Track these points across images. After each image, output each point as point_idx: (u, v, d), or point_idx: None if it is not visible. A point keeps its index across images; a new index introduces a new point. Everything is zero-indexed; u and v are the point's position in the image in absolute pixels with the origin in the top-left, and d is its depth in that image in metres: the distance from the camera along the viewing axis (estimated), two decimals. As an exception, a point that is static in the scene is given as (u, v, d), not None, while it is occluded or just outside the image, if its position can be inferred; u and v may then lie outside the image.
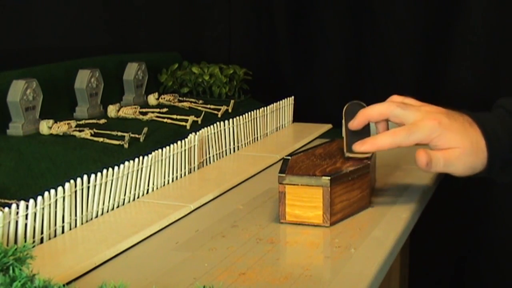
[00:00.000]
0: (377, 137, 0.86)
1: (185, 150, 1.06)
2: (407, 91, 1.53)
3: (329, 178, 0.84)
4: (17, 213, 0.73)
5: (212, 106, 1.40)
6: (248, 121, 1.29)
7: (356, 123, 0.89)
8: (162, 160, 1.00)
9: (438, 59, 1.51)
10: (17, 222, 0.73)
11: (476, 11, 1.45)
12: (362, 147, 0.87)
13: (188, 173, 1.08)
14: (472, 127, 0.84)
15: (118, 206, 0.91)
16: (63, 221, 0.81)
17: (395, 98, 0.89)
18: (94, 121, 1.21)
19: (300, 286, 0.68)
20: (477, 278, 1.56)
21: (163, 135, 1.18)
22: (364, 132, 0.90)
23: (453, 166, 0.83)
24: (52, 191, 0.79)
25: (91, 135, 1.10)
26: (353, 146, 0.88)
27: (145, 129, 1.13)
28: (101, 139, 1.08)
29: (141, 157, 0.95)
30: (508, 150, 0.84)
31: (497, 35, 1.44)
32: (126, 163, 0.92)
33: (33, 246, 0.75)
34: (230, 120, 1.22)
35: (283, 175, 0.86)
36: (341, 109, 0.94)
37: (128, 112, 1.27)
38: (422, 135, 0.83)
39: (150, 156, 0.97)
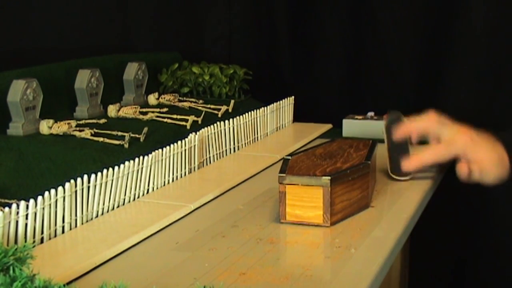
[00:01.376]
0: (422, 155, 1.01)
1: (185, 150, 1.06)
2: (406, 91, 1.55)
3: (329, 178, 0.84)
4: (17, 213, 0.73)
5: (212, 106, 1.39)
6: (248, 121, 1.29)
7: (398, 136, 1.05)
8: (162, 160, 1.00)
9: (438, 60, 1.51)
10: (17, 222, 0.73)
11: (476, 13, 1.45)
12: (410, 165, 1.02)
13: (188, 173, 1.08)
14: (496, 143, 0.98)
15: (118, 206, 0.91)
16: (63, 221, 0.81)
17: (432, 115, 1.02)
18: (94, 121, 1.21)
19: (300, 286, 0.68)
20: (477, 278, 1.56)
21: (163, 135, 1.18)
22: (404, 148, 1.05)
23: (486, 175, 0.97)
24: (52, 191, 0.79)
25: (91, 135, 1.10)
26: (402, 167, 1.02)
27: (145, 129, 1.13)
28: (101, 139, 1.08)
29: (141, 157, 0.95)
30: None
31: (497, 36, 1.44)
32: (126, 163, 0.92)
33: (33, 246, 0.75)
34: (230, 120, 1.22)
35: (283, 175, 0.86)
36: (341, 109, 0.95)
37: (128, 112, 1.27)
38: (458, 150, 0.97)
39: (150, 156, 0.97)
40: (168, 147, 1.02)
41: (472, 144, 0.97)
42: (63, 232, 0.81)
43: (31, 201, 0.76)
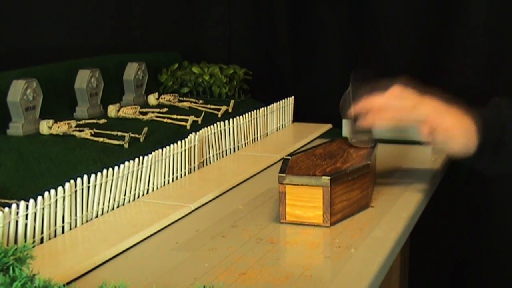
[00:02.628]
0: (381, 113, 0.93)
1: (185, 150, 1.06)
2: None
3: (329, 178, 0.84)
4: (17, 213, 0.73)
5: (212, 106, 1.39)
6: (248, 121, 1.29)
7: (356, 110, 0.96)
8: (162, 160, 1.00)
9: (438, 60, 1.51)
10: (17, 222, 0.73)
11: (476, 13, 1.45)
12: (366, 121, 0.94)
13: (188, 173, 1.08)
14: (465, 115, 0.93)
15: (118, 206, 0.91)
16: (63, 221, 0.81)
17: (396, 88, 0.96)
18: (94, 121, 1.21)
19: (300, 286, 0.68)
20: (476, 278, 1.56)
21: (163, 135, 1.18)
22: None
23: (450, 141, 0.92)
24: (52, 191, 0.79)
25: (91, 135, 1.10)
26: (358, 122, 0.95)
27: (145, 129, 1.13)
28: (101, 139, 1.08)
29: (141, 157, 0.95)
30: (497, 136, 0.93)
31: (497, 36, 1.44)
32: (126, 163, 0.92)
33: (33, 246, 0.75)
34: (230, 120, 1.22)
35: (283, 175, 0.86)
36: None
37: (128, 112, 1.27)
38: (423, 112, 0.92)
39: (150, 156, 0.97)
40: (168, 147, 1.02)
41: (436, 112, 0.92)
42: (63, 232, 0.81)
43: (31, 201, 0.76)
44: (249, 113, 1.29)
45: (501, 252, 1.51)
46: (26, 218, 0.75)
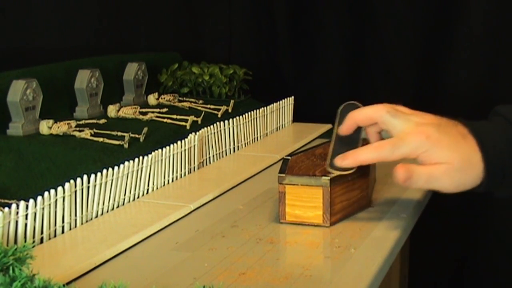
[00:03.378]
0: (359, 151, 0.80)
1: (185, 150, 1.06)
2: (406, 91, 1.55)
3: (329, 178, 0.84)
4: (17, 213, 0.73)
5: (212, 106, 1.39)
6: (248, 121, 1.29)
7: (345, 128, 0.85)
8: (162, 160, 1.00)
9: (438, 60, 1.51)
10: (17, 222, 0.73)
11: (476, 14, 1.45)
12: (343, 161, 0.81)
13: (188, 173, 1.08)
14: (466, 140, 0.77)
15: (118, 206, 0.91)
16: (63, 221, 0.81)
17: (385, 104, 0.83)
18: (94, 121, 1.21)
19: (300, 286, 0.68)
20: (476, 278, 1.56)
21: (163, 135, 1.18)
22: (353, 142, 0.86)
23: (437, 182, 0.77)
24: (52, 191, 0.79)
25: (91, 135, 1.10)
26: (335, 160, 0.82)
27: (145, 129, 1.13)
28: (101, 139, 1.08)
29: (141, 157, 0.95)
30: (508, 163, 0.77)
31: (497, 37, 1.44)
32: (126, 163, 0.92)
33: (33, 246, 0.75)
34: (230, 120, 1.22)
35: (283, 175, 0.86)
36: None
37: (128, 112, 1.27)
38: (408, 150, 0.77)
39: (150, 156, 0.97)
40: (168, 147, 1.02)
41: (428, 144, 0.76)
42: (63, 232, 0.81)
43: (31, 201, 0.76)
44: (249, 113, 1.29)
45: (501, 253, 1.51)
46: (26, 218, 0.75)
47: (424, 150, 0.76)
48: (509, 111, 0.81)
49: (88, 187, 0.85)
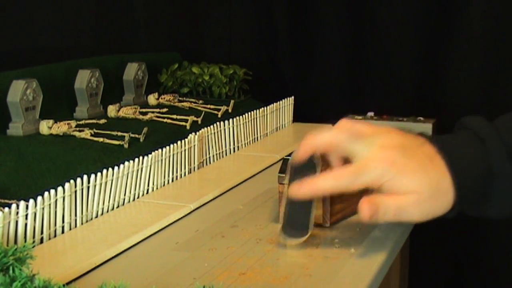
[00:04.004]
0: (317, 179, 0.72)
1: (185, 150, 1.06)
2: (406, 91, 1.55)
3: (329, 178, 0.84)
4: (17, 213, 0.73)
5: (212, 106, 1.39)
6: (248, 121, 1.29)
7: (300, 154, 0.75)
8: (162, 160, 1.00)
9: (438, 60, 1.51)
10: (17, 222, 0.73)
11: (476, 14, 1.45)
12: (299, 190, 0.72)
13: (188, 173, 1.08)
14: (434, 163, 0.70)
15: (118, 206, 0.91)
16: (63, 221, 0.81)
17: (344, 123, 0.74)
18: (94, 121, 1.21)
19: (300, 286, 0.68)
20: (476, 278, 1.56)
21: (163, 135, 1.18)
22: (307, 205, 0.76)
23: (406, 213, 0.70)
24: (52, 191, 0.79)
25: (91, 135, 1.10)
26: (290, 188, 0.73)
27: (145, 129, 1.13)
28: (101, 139, 1.08)
29: (141, 157, 0.95)
30: (481, 183, 0.70)
31: (497, 36, 1.44)
32: (126, 163, 0.92)
33: (33, 246, 0.75)
34: (230, 120, 1.22)
35: (283, 175, 0.86)
36: (341, 109, 0.94)
37: (128, 112, 1.27)
38: (371, 179, 0.69)
39: (150, 156, 0.97)
40: (168, 147, 1.02)
41: (393, 171, 0.68)
42: (63, 232, 0.81)
43: (31, 201, 0.76)
44: (249, 113, 1.29)
45: (501, 253, 1.51)
46: (26, 218, 0.75)
47: (389, 178, 0.69)
48: (478, 124, 0.73)
49: (88, 187, 0.85)
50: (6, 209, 0.72)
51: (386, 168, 0.69)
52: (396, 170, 0.69)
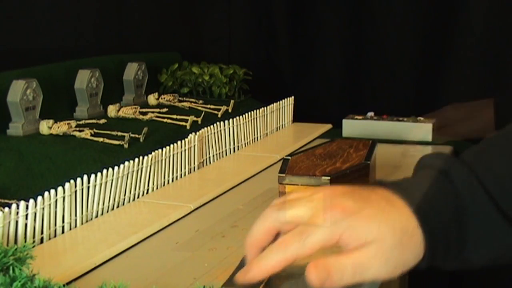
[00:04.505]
0: (262, 257, 0.59)
1: (185, 150, 1.06)
2: (406, 91, 1.55)
3: (329, 178, 0.84)
4: (17, 213, 0.73)
5: (212, 106, 1.39)
6: (248, 121, 1.29)
7: (252, 255, 0.62)
8: (162, 160, 1.00)
9: (438, 59, 1.51)
10: (17, 222, 0.73)
11: (476, 14, 1.45)
12: (247, 275, 0.60)
13: (188, 173, 1.08)
14: (392, 204, 0.58)
15: (118, 206, 0.91)
16: (63, 221, 0.81)
17: (274, 202, 0.63)
18: (94, 121, 1.21)
19: (300, 286, 0.67)
20: (476, 278, 1.56)
21: (163, 135, 1.18)
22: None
23: (369, 271, 0.57)
24: (52, 191, 0.79)
25: (91, 135, 1.10)
26: (235, 278, 0.61)
27: (145, 129, 1.13)
28: (101, 139, 1.08)
29: (141, 157, 0.95)
30: (453, 223, 0.59)
31: (497, 37, 1.44)
32: (126, 163, 0.92)
33: (33, 246, 0.75)
34: (230, 120, 1.22)
35: (283, 175, 0.86)
36: (341, 109, 0.94)
37: (128, 112, 1.27)
38: (323, 235, 0.57)
39: (150, 156, 0.97)
40: (168, 147, 1.02)
41: (346, 217, 0.56)
42: (63, 232, 0.81)
43: (31, 201, 0.76)
44: (249, 113, 1.29)
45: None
46: (26, 218, 0.75)
47: (343, 228, 0.56)
48: (435, 161, 0.63)
49: (88, 187, 0.85)
50: (6, 209, 0.72)
51: (337, 217, 0.57)
52: (349, 217, 0.56)
